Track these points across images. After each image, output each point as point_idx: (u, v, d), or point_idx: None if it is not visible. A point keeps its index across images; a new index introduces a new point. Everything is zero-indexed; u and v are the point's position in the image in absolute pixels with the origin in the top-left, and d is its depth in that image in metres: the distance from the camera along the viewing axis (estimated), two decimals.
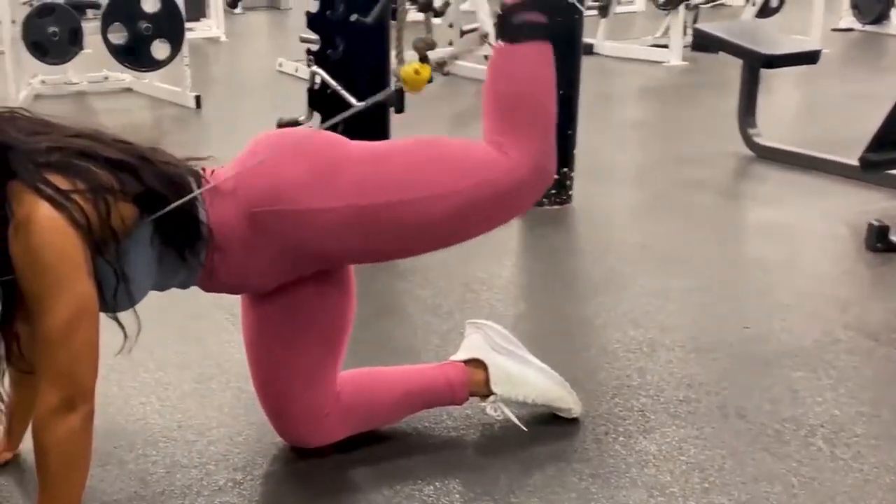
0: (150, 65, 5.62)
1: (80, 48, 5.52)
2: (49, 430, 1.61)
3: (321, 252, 1.84)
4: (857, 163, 3.71)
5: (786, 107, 5.99)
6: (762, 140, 4.63)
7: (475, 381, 2.11)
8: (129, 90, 6.34)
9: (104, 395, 2.28)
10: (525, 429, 2.12)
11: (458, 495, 1.92)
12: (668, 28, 7.83)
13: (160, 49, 5.55)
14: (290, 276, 1.89)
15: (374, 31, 3.66)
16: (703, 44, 5.05)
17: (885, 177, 3.92)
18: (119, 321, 1.74)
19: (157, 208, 1.69)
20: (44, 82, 6.20)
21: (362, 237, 1.82)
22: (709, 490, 1.92)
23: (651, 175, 4.39)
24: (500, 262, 3.24)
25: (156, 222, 1.70)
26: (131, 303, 1.74)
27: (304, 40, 4.32)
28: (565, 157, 3.79)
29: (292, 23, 9.29)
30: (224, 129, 5.37)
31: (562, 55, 3.61)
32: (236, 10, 10.54)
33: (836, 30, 8.68)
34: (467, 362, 2.13)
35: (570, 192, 3.86)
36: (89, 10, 5.80)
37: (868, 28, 8.80)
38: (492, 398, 2.11)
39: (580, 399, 2.19)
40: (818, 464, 2.01)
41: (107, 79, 6.32)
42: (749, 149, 4.63)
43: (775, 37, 5.19)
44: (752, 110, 4.73)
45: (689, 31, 8.05)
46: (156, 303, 1.84)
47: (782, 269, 3.17)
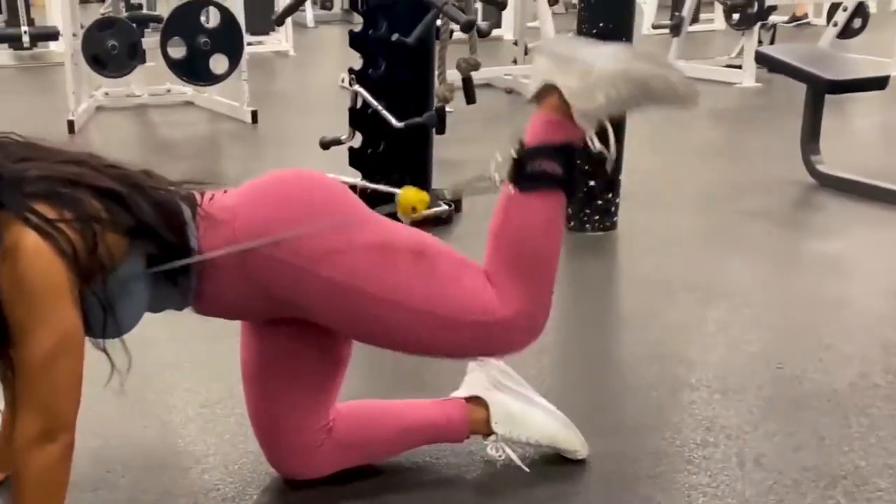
0: (208, 79, 5.66)
1: (139, 62, 5.57)
2: (27, 459, 1.58)
3: (301, 309, 1.78)
4: None
5: (853, 134, 5.79)
6: (825, 168, 4.46)
7: (476, 419, 2.04)
8: (189, 103, 6.39)
9: (106, 416, 2.27)
10: (527, 469, 2.03)
11: None
12: (742, 48, 7.67)
13: (219, 63, 5.58)
14: (278, 315, 1.84)
15: (416, 51, 3.62)
16: (767, 66, 4.91)
17: None
18: (108, 354, 1.70)
19: (148, 235, 1.66)
20: (107, 94, 6.29)
21: (339, 314, 1.77)
22: None
23: (705, 202, 4.25)
24: None
25: (150, 247, 1.67)
26: (121, 331, 1.70)
27: None
28: (610, 182, 3.69)
29: None
30: (277, 144, 5.37)
31: None
32: (310, 25, 10.65)
33: None
34: (468, 400, 2.05)
35: (615, 218, 3.75)
36: (152, 24, 5.85)
37: None
38: (493, 437, 2.03)
39: (592, 437, 2.10)
40: None
41: (169, 91, 6.39)
42: (812, 177, 4.46)
43: (844, 60, 5.03)
44: (816, 137, 4.56)
45: None
46: (170, 325, 1.80)
47: (830, 305, 3.02)
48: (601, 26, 3.53)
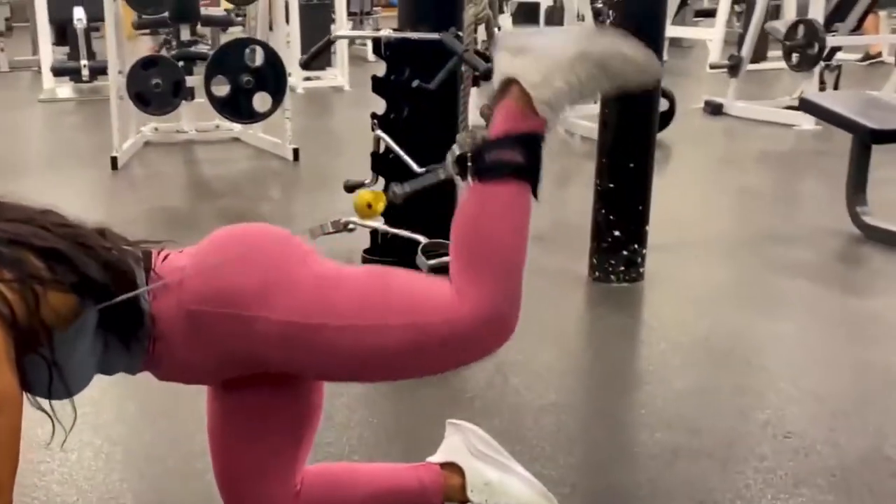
0: (251, 117, 5.69)
1: (182, 100, 5.63)
2: None
3: (260, 360, 1.73)
4: None
5: None
6: (871, 220, 4.31)
7: (451, 486, 1.97)
8: (237, 140, 6.44)
9: (87, 468, 2.25)
10: None
11: None
12: (802, 90, 7.51)
13: (262, 101, 5.62)
14: (237, 373, 1.79)
15: (439, 96, 3.58)
16: (811, 113, 4.78)
17: None
18: (51, 414, 1.67)
19: (98, 296, 1.63)
20: (157, 129, 6.36)
21: (297, 354, 1.70)
22: None
23: (742, 253, 4.12)
24: (542, 343, 3.07)
25: (97, 308, 1.63)
26: (69, 393, 1.67)
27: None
28: (637, 233, 3.60)
29: None
30: (313, 184, 5.37)
31: (636, 125, 3.53)
32: (370, 59, 10.69)
33: None
34: (443, 466, 1.98)
35: (642, 270, 3.65)
36: (200, 62, 5.92)
37: None
38: None
39: (576, 502, 2.02)
40: None
41: (217, 127, 6.44)
42: (857, 228, 4.32)
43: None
44: (863, 187, 4.41)
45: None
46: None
47: (855, 369, 2.90)
48: None
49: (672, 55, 11.22)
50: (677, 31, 11.14)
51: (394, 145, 3.64)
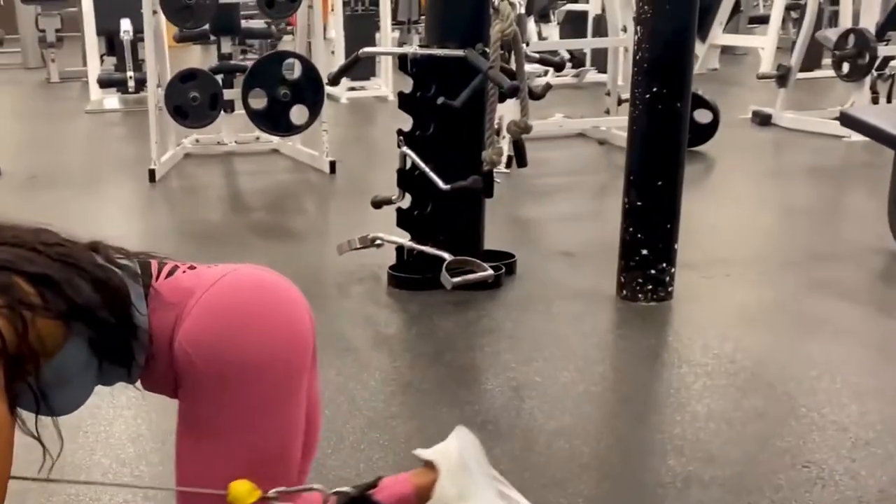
0: (287, 129, 5.71)
1: (219, 112, 5.65)
2: None
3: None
4: None
5: None
6: None
7: (419, 485, 1.95)
8: (276, 151, 6.46)
9: (94, 489, 2.25)
10: None
11: None
12: (853, 101, 7.37)
13: (299, 114, 5.63)
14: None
15: (465, 114, 3.56)
16: (851, 127, 4.68)
17: None
18: (41, 441, 1.67)
19: (85, 319, 1.62)
20: (197, 141, 6.41)
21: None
22: None
23: (777, 271, 4.03)
24: (563, 364, 3.03)
25: (88, 329, 1.63)
26: (62, 413, 1.67)
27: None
28: (666, 251, 3.54)
29: None
30: (347, 198, 5.35)
31: (665, 142, 3.48)
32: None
33: None
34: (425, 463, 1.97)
35: (670, 289, 3.59)
36: (240, 75, 5.94)
37: None
38: None
39: None
40: None
41: (258, 139, 6.47)
42: None
43: None
44: None
45: (883, 103, 7.57)
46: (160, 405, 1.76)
47: (883, 396, 2.80)
48: (654, 91, 3.41)
49: (724, 62, 11.08)
50: (728, 38, 10.98)
51: (420, 162, 3.62)
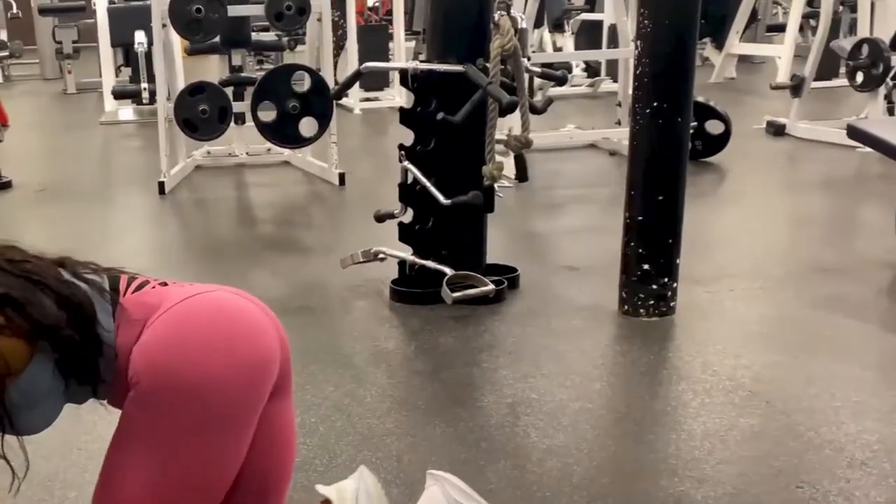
0: (297, 142, 5.73)
1: (228, 125, 5.68)
2: None
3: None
4: None
5: None
6: None
7: None
8: (287, 163, 6.48)
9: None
10: None
11: None
12: (868, 111, 7.31)
13: (309, 126, 5.65)
14: None
15: (466, 129, 3.56)
16: (859, 141, 4.64)
17: None
18: (7, 460, 1.68)
19: (51, 338, 1.62)
20: (209, 153, 6.44)
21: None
22: None
23: (783, 286, 3.98)
24: (560, 381, 3.02)
25: (53, 348, 1.63)
26: (26, 432, 1.68)
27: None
28: (667, 266, 3.52)
29: None
30: (357, 209, 5.33)
31: (665, 157, 3.46)
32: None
33: None
34: None
35: (672, 304, 3.56)
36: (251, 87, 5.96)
37: None
38: None
39: None
40: None
41: (269, 151, 6.50)
42: None
43: None
44: None
45: None
46: None
47: (882, 415, 2.76)
48: (655, 105, 3.40)
49: (741, 71, 11.03)
50: (745, 47, 10.93)
51: (421, 177, 3.62)
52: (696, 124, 6.38)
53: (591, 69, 9.92)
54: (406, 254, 3.77)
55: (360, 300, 3.82)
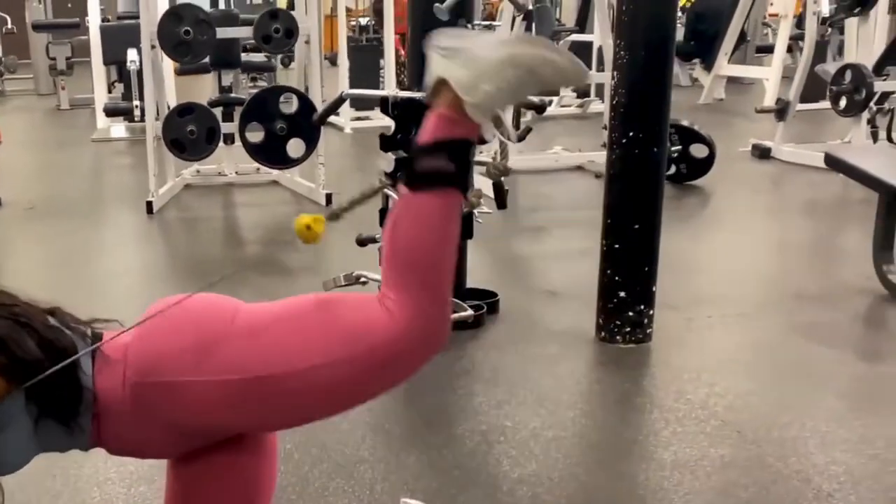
0: (284, 162, 5.77)
1: (216, 146, 5.72)
2: None
3: (213, 427, 1.75)
4: None
5: None
6: None
7: None
8: (275, 183, 6.53)
9: None
10: None
11: None
12: (851, 135, 7.37)
13: (296, 147, 5.69)
14: (187, 447, 1.81)
15: None
16: (836, 169, 4.70)
17: None
18: None
19: (28, 377, 1.66)
20: (198, 172, 6.48)
21: (247, 411, 1.71)
22: None
23: (760, 313, 4.01)
24: (534, 409, 3.06)
25: (28, 390, 1.66)
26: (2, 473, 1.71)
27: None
28: (644, 293, 3.56)
29: None
30: (342, 230, 5.35)
31: (642, 185, 3.51)
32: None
33: None
34: None
35: (649, 331, 3.61)
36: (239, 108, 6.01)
37: None
38: None
39: None
40: None
41: (258, 171, 6.54)
42: (884, 287, 4.22)
43: None
44: (889, 245, 4.32)
45: (883, 137, 7.54)
46: None
47: (851, 445, 2.80)
48: (631, 135, 3.45)
49: (731, 92, 11.09)
50: (733, 69, 11.01)
51: None
52: (680, 148, 6.45)
53: (581, 90, 9.98)
54: None
55: None
